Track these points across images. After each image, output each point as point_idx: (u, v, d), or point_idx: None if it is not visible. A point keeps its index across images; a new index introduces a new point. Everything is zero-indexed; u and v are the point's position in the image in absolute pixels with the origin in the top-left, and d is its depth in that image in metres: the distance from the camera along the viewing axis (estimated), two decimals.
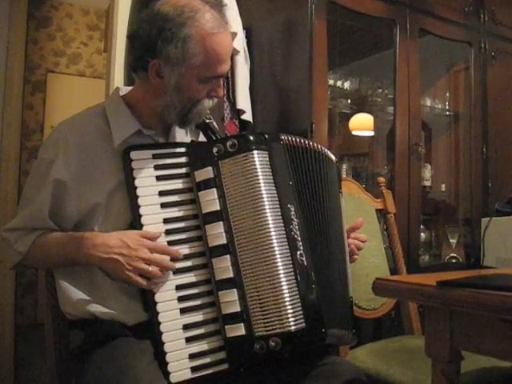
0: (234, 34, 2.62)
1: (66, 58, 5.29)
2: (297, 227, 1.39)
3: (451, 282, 1.11)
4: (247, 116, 2.70)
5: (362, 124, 3.49)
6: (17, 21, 3.39)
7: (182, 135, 1.60)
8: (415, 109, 3.02)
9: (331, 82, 3.01)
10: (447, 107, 3.58)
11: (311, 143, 1.53)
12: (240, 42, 2.69)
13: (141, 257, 1.34)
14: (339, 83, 3.11)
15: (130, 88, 1.58)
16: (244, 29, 2.77)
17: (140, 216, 1.39)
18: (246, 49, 2.79)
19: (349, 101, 3.29)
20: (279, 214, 1.38)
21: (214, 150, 1.42)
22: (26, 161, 4.54)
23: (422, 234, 3.25)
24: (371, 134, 3.54)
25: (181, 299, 1.37)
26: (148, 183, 1.41)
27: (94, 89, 4.92)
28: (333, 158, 1.61)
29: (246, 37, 2.83)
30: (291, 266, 1.34)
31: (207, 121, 1.57)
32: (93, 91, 4.74)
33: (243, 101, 2.69)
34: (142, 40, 1.43)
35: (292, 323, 1.30)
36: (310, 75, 2.59)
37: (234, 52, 2.68)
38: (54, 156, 1.45)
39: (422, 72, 3.06)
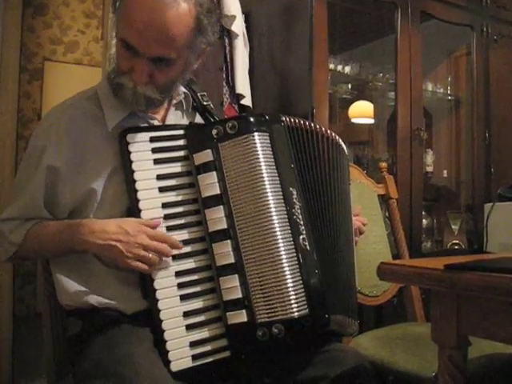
0: (232, 18, 2.60)
1: (63, 46, 5.25)
2: (299, 211, 1.36)
3: (459, 265, 1.07)
4: (246, 101, 2.68)
5: (361, 111, 3.46)
6: (11, 9, 3.33)
7: (178, 117, 1.55)
8: (417, 93, 2.99)
9: (331, 66, 2.97)
10: (449, 92, 3.54)
11: (316, 125, 1.49)
12: (239, 26, 2.66)
13: (140, 243, 1.30)
14: (339, 68, 3.07)
15: None
16: (243, 13, 2.73)
17: (138, 201, 1.35)
18: (245, 33, 2.75)
19: (349, 86, 3.25)
20: (281, 197, 1.34)
21: (214, 132, 1.37)
22: (23, 149, 4.50)
23: (424, 221, 3.22)
24: (371, 121, 3.51)
25: (181, 286, 1.33)
26: (145, 167, 1.37)
27: (91, 77, 4.84)
28: (342, 143, 1.56)
29: (245, 21, 2.79)
30: (293, 250, 1.31)
31: (205, 103, 1.53)
32: (90, 79, 4.64)
33: (243, 85, 2.66)
34: None
35: (295, 309, 1.27)
36: (311, 58, 2.56)
37: (233, 36, 2.65)
38: (45, 142, 1.41)
39: (423, 57, 3.02)
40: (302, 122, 1.47)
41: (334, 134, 1.53)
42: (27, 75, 4.95)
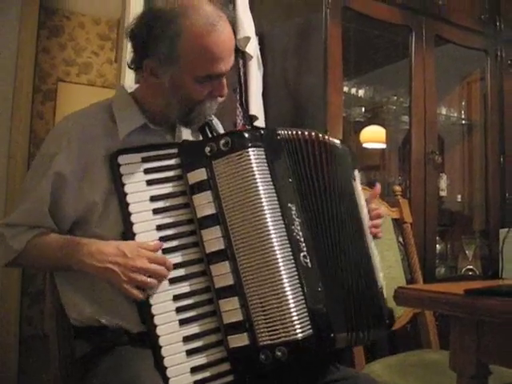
0: (247, 39, 2.59)
1: (77, 67, 5.26)
2: (299, 227, 1.31)
3: (480, 290, 1.04)
4: (260, 123, 2.65)
5: (373, 136, 3.44)
6: (27, 30, 3.38)
7: (187, 133, 1.53)
8: (431, 117, 2.97)
9: (345, 89, 2.94)
10: (462, 116, 3.52)
11: (316, 134, 1.44)
12: (253, 48, 2.65)
13: (138, 267, 1.27)
14: (353, 91, 3.05)
15: (135, 86, 1.54)
16: (256, 34, 2.72)
17: (132, 224, 1.32)
18: (259, 55, 2.74)
19: (363, 109, 3.23)
20: (279, 214, 1.29)
21: (207, 149, 1.34)
22: None
23: (438, 246, 3.17)
24: (383, 146, 3.48)
25: (179, 310, 1.29)
26: (138, 189, 1.34)
27: (104, 98, 4.88)
28: (344, 147, 1.51)
29: (259, 43, 2.78)
30: (294, 269, 1.26)
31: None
32: None
33: (256, 107, 2.64)
34: (136, 39, 1.39)
35: (298, 330, 1.22)
36: (325, 81, 2.54)
37: (248, 57, 2.64)
38: (56, 149, 1.39)
39: (437, 81, 3.00)
40: (299, 132, 1.42)
41: (332, 139, 1.48)
42: (40, 96, 4.96)
